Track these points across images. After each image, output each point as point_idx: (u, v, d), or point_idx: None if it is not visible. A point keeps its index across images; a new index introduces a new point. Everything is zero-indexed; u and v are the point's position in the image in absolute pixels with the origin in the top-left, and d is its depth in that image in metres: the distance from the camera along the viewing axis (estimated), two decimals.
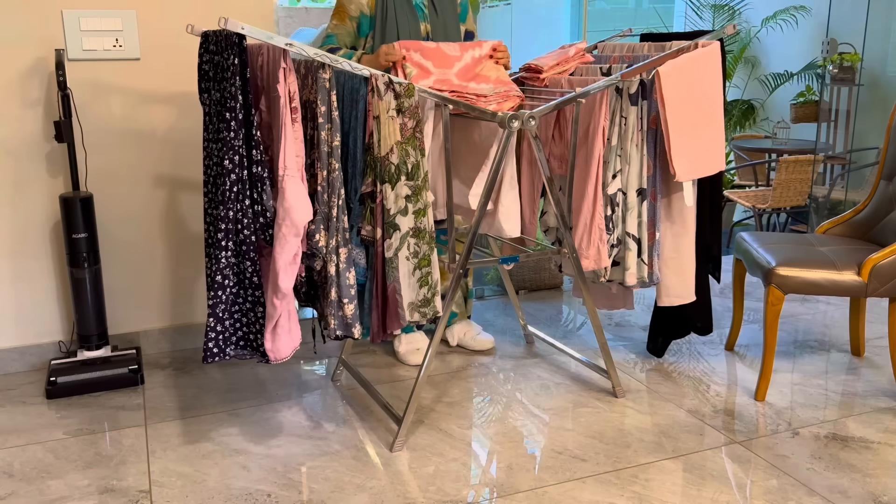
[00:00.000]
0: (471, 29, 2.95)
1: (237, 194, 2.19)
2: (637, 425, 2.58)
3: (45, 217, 2.98)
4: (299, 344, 2.31)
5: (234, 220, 2.20)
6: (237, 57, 2.13)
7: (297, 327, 2.29)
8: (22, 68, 2.85)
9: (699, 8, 7.04)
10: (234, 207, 2.19)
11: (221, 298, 2.23)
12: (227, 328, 2.27)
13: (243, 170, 2.19)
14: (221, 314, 2.24)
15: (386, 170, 2.21)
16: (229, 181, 2.17)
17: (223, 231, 2.19)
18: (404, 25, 2.75)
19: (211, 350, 2.26)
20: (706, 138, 2.57)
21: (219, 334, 2.26)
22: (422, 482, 2.25)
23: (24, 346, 3.04)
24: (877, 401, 2.75)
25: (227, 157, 2.16)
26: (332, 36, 2.77)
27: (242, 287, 2.26)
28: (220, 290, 2.22)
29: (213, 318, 2.23)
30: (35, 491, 2.23)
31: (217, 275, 2.21)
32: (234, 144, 2.16)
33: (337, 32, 2.76)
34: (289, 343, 2.27)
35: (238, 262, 2.23)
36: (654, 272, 2.67)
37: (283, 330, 2.25)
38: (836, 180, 5.54)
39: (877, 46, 5.67)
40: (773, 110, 6.76)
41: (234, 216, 2.20)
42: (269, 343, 2.25)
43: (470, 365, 3.07)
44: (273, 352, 2.26)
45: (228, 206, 2.19)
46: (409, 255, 2.27)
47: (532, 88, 2.81)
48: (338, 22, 2.75)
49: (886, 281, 2.63)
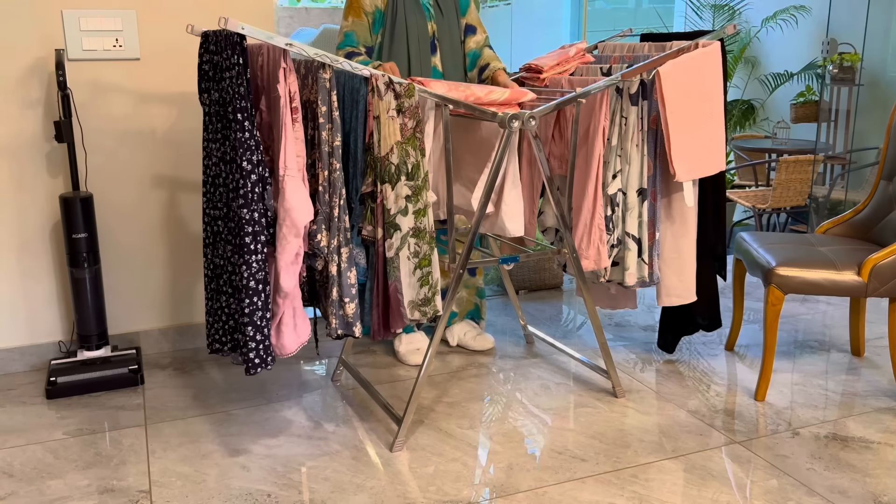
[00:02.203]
0: (471, 23, 2.93)
1: (259, 195, 2.14)
2: (637, 425, 2.58)
3: (45, 217, 2.98)
4: (307, 339, 2.31)
5: (258, 222, 2.15)
6: (240, 56, 2.13)
7: (304, 323, 2.29)
8: (22, 68, 2.85)
9: (699, 8, 7.04)
10: (258, 208, 2.14)
11: (258, 304, 2.15)
12: (267, 336, 2.19)
13: (259, 168, 2.15)
14: (260, 322, 2.17)
15: (386, 170, 2.21)
16: (250, 182, 2.12)
17: (251, 234, 2.13)
18: (413, 24, 2.76)
19: (253, 361, 2.18)
20: (706, 138, 2.57)
21: (259, 343, 2.18)
22: (422, 482, 2.25)
23: (24, 346, 3.04)
24: (877, 401, 2.75)
25: (244, 157, 2.12)
26: (350, 33, 2.75)
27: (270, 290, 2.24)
28: (254, 295, 2.15)
29: (253, 328, 2.15)
30: (35, 491, 2.23)
31: (250, 280, 2.13)
32: (250, 144, 2.12)
33: (354, 29, 2.75)
34: (294, 339, 2.27)
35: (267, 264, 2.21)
36: (654, 272, 2.67)
37: (287, 327, 2.25)
38: (836, 180, 5.54)
39: (877, 46, 5.67)
40: (773, 110, 6.76)
41: (258, 217, 2.15)
42: (273, 339, 2.25)
43: (470, 365, 3.07)
44: (279, 347, 2.26)
45: (252, 207, 2.13)
46: (410, 255, 2.27)
47: (532, 88, 2.81)
48: (354, 18, 2.74)
49: (886, 281, 2.63)
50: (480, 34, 2.95)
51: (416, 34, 2.76)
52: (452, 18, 2.88)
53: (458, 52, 2.90)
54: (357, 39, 2.75)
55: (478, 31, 2.95)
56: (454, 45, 2.89)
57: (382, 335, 2.37)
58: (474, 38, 2.93)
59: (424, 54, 2.81)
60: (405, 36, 2.73)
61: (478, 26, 2.95)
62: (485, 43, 2.96)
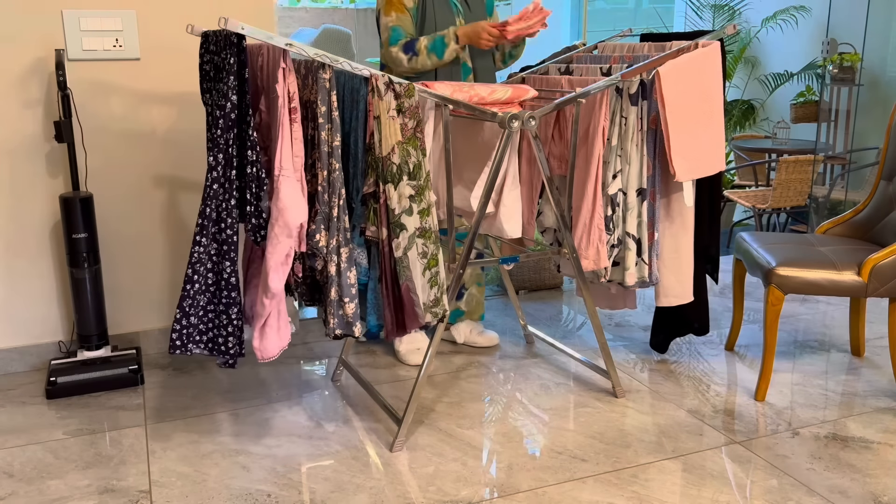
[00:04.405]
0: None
1: (217, 192, 2.19)
2: (637, 425, 2.58)
3: (45, 217, 2.98)
4: (287, 343, 2.31)
5: (216, 220, 2.21)
6: (235, 57, 2.13)
7: (286, 327, 2.29)
8: (22, 68, 2.85)
9: (699, 8, 7.04)
10: (213, 205, 2.20)
11: (189, 293, 2.24)
12: (192, 324, 2.28)
13: (229, 169, 2.19)
14: (188, 308, 2.26)
15: (388, 170, 2.21)
16: (210, 178, 2.18)
17: (198, 226, 2.21)
18: (441, 20, 2.78)
19: (174, 342, 2.28)
20: (706, 138, 2.57)
21: (183, 328, 2.27)
22: (422, 482, 2.25)
23: (24, 346, 3.04)
24: (877, 401, 2.75)
25: (211, 154, 2.17)
26: (396, 27, 2.77)
27: (219, 287, 2.26)
28: (187, 283, 2.24)
29: (180, 311, 2.25)
30: (35, 491, 2.23)
31: (188, 268, 2.23)
32: (220, 142, 2.17)
33: (400, 24, 2.77)
34: (276, 342, 2.27)
35: (218, 261, 2.24)
36: (653, 272, 2.67)
37: (271, 329, 2.25)
38: (836, 180, 5.54)
39: (877, 46, 5.67)
40: (773, 110, 6.76)
41: (215, 215, 2.21)
42: (256, 341, 2.25)
43: (470, 365, 3.07)
44: (260, 350, 2.26)
45: (208, 202, 2.19)
46: (419, 255, 2.27)
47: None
48: (397, 13, 2.76)
49: (886, 281, 2.63)
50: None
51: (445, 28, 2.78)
52: (481, 14, 2.90)
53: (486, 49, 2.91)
54: (404, 33, 2.78)
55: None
56: None
57: (396, 335, 2.36)
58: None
59: None
60: (434, 30, 2.76)
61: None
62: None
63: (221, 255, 2.23)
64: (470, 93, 2.35)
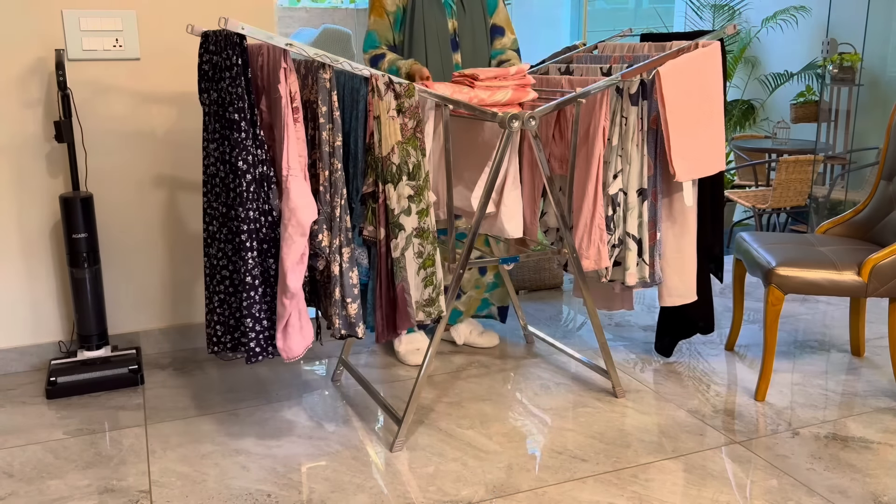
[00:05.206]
0: (499, 24, 2.92)
1: (255, 193, 2.20)
2: (637, 425, 2.58)
3: (45, 217, 2.98)
4: (311, 342, 2.32)
5: (256, 220, 2.22)
6: (239, 57, 2.13)
7: (308, 325, 2.29)
8: (22, 68, 2.85)
9: (699, 8, 7.04)
10: (254, 207, 2.21)
11: (255, 298, 2.25)
12: (266, 328, 2.29)
13: (257, 168, 2.20)
14: (258, 313, 2.26)
15: (388, 170, 2.21)
16: (245, 182, 2.18)
17: (247, 232, 2.20)
18: (431, 21, 2.77)
19: (254, 350, 2.28)
20: (706, 138, 2.57)
21: (258, 334, 2.28)
22: (422, 482, 2.25)
23: (24, 346, 3.04)
24: (877, 401, 2.75)
25: (240, 158, 2.17)
26: (371, 33, 2.79)
27: (269, 285, 2.28)
28: (251, 290, 2.24)
29: (252, 319, 2.25)
30: (35, 491, 2.23)
31: (247, 276, 2.22)
32: (246, 145, 2.17)
33: (376, 28, 2.79)
34: (300, 341, 2.27)
35: (262, 260, 2.25)
36: (655, 272, 2.67)
37: (293, 329, 2.26)
38: (836, 180, 5.54)
39: (877, 46, 5.67)
40: (773, 110, 6.76)
41: (255, 216, 2.21)
42: (280, 342, 2.25)
43: (470, 365, 3.07)
44: (285, 350, 2.26)
45: (248, 206, 2.20)
46: (415, 255, 2.28)
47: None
48: (376, 17, 2.78)
49: (886, 281, 2.63)
50: (508, 37, 2.94)
51: (435, 32, 2.76)
52: (477, 17, 2.87)
53: (482, 51, 2.89)
54: (378, 39, 2.79)
55: (505, 34, 2.94)
56: (477, 44, 2.87)
57: (387, 336, 2.37)
58: (501, 41, 2.93)
59: (445, 52, 2.80)
60: (423, 34, 2.75)
61: (506, 28, 2.94)
62: (511, 46, 2.95)
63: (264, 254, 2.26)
64: (470, 94, 2.35)
